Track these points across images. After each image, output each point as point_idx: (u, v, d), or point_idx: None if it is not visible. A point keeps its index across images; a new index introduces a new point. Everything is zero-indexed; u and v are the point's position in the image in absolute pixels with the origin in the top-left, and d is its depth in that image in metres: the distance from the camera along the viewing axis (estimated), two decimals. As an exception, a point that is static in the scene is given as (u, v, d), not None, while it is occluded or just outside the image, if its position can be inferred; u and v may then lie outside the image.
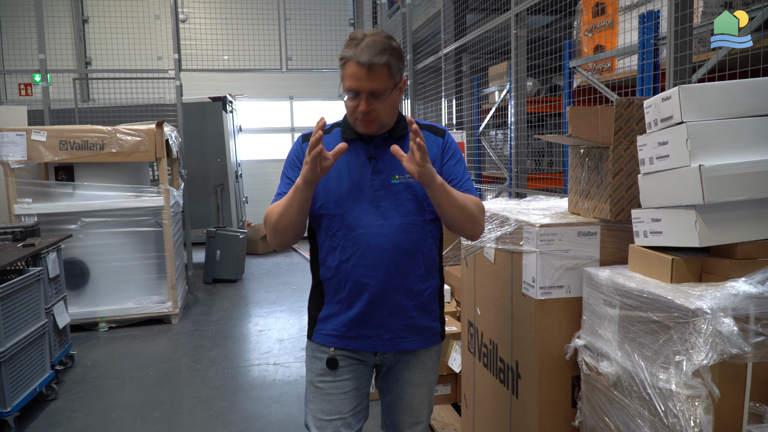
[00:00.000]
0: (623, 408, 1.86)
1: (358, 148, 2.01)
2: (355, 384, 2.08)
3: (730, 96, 1.76)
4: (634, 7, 3.90)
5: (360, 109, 1.90)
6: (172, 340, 5.65)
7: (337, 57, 1.97)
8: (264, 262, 9.57)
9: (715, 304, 1.59)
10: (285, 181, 2.05)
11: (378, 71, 1.85)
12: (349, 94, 1.91)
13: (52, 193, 5.89)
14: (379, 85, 1.88)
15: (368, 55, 1.84)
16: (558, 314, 2.21)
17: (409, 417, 2.19)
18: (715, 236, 1.74)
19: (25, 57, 8.94)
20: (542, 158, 5.72)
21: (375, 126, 1.95)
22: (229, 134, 9.24)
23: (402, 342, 2.04)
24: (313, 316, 2.10)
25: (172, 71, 7.32)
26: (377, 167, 1.99)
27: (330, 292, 2.04)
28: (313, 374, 2.09)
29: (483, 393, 2.78)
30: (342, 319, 2.02)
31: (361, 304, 1.98)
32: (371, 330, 2.01)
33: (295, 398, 4.23)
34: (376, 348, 2.04)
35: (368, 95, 1.88)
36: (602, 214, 2.22)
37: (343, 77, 1.92)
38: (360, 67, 1.85)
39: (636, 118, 2.14)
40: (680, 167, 1.76)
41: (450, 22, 6.47)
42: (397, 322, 2.02)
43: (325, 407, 2.05)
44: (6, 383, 3.68)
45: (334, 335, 2.04)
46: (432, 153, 2.03)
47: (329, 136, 2.06)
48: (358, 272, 1.96)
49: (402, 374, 2.13)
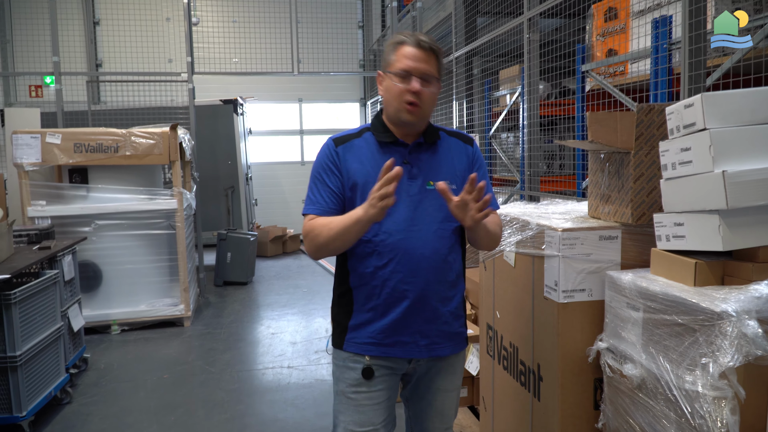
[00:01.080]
0: (648, 410, 1.88)
1: (393, 154, 2.01)
2: (387, 394, 2.08)
3: (751, 103, 1.79)
4: (647, 12, 3.93)
5: (413, 88, 1.93)
6: (185, 343, 5.69)
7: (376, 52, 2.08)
8: (274, 264, 9.61)
9: (739, 306, 1.62)
10: (321, 188, 2.03)
11: (432, 57, 1.97)
12: (401, 74, 1.95)
13: (66, 195, 5.93)
14: (432, 69, 1.97)
15: (427, 40, 1.96)
16: (580, 317, 2.24)
17: (439, 423, 2.20)
18: (737, 240, 1.77)
19: (36, 59, 9.02)
20: (553, 161, 5.75)
21: (419, 114, 1.97)
22: (239, 137, 9.28)
23: (437, 348, 2.06)
24: (343, 324, 2.08)
25: (185, 74, 7.37)
26: (412, 173, 2.01)
27: (361, 299, 2.03)
28: (345, 384, 2.07)
29: (502, 396, 2.81)
30: (378, 326, 2.01)
31: (400, 311, 1.98)
32: (408, 336, 2.01)
33: (310, 401, 4.26)
34: (412, 354, 2.04)
35: (421, 76, 1.95)
36: (623, 218, 2.24)
37: (395, 60, 1.97)
38: (418, 49, 1.95)
39: (656, 123, 2.17)
40: (703, 173, 1.79)
41: (461, 25, 6.51)
42: (433, 328, 2.03)
43: (358, 419, 2.05)
44: (22, 387, 3.70)
45: (370, 343, 2.03)
46: (462, 162, 2.10)
47: (360, 140, 2.07)
48: (396, 278, 1.96)
49: (435, 381, 2.14)
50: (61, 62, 7.25)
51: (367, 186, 1.95)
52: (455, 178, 2.02)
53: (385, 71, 2.02)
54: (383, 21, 11.87)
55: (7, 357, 3.63)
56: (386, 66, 2.01)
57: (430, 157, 2.06)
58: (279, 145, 12.05)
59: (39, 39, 8.86)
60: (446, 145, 2.11)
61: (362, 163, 2.01)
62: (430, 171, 2.03)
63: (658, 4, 3.77)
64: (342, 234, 1.89)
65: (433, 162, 2.05)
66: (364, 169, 2.00)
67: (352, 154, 2.03)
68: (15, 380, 3.66)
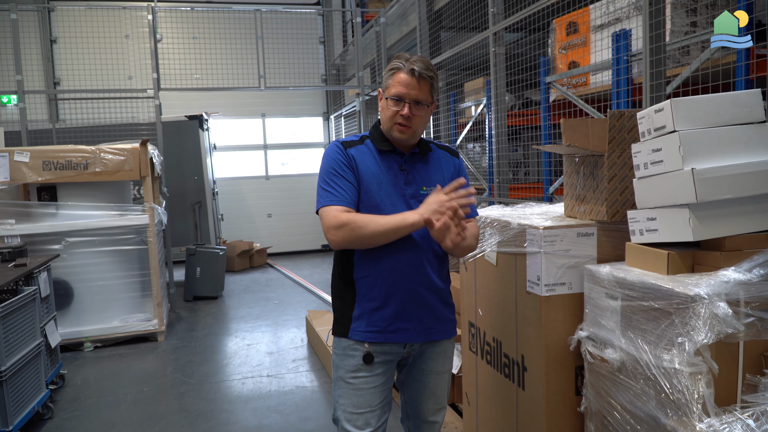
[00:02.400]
0: (629, 389, 2.05)
1: (391, 161, 2.24)
2: (384, 378, 2.26)
3: (715, 107, 1.99)
4: (606, 26, 4.17)
5: (403, 113, 2.13)
6: (160, 357, 5.69)
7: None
8: (242, 278, 9.63)
9: (710, 290, 1.80)
10: (340, 182, 2.16)
11: (424, 84, 2.14)
12: (394, 98, 2.15)
13: (35, 213, 5.90)
14: (423, 96, 2.15)
15: (420, 67, 2.12)
16: (561, 309, 2.40)
17: (433, 404, 2.41)
18: (706, 231, 1.96)
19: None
20: (519, 169, 5.96)
21: (409, 133, 2.19)
22: (205, 152, 9.31)
23: (432, 332, 2.28)
24: (347, 315, 2.26)
25: (151, 90, 7.39)
26: (408, 178, 2.24)
27: (364, 290, 2.22)
28: (345, 371, 2.25)
29: (487, 389, 2.96)
30: (380, 315, 2.20)
31: (398, 300, 2.19)
32: (408, 323, 2.22)
33: (293, 407, 4.34)
34: (411, 339, 2.24)
35: (412, 103, 2.13)
36: (598, 216, 2.43)
37: (390, 85, 2.17)
38: (411, 77, 2.12)
39: (627, 128, 2.36)
40: (674, 171, 1.98)
41: (425, 40, 6.71)
42: (429, 314, 2.25)
43: (356, 401, 2.22)
44: (8, 401, 3.71)
45: (373, 331, 2.21)
46: (450, 170, 2.35)
47: (362, 146, 2.26)
48: (397, 270, 2.17)
49: (427, 364, 2.35)
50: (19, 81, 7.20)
51: (371, 185, 2.16)
52: (444, 185, 2.23)
53: (383, 91, 2.22)
54: (344, 36, 12.05)
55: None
56: (384, 88, 2.22)
57: (423, 165, 2.30)
58: (243, 161, 12.08)
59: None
60: (436, 156, 2.36)
61: (368, 165, 2.21)
62: (423, 178, 2.27)
63: (616, 18, 4.01)
64: (392, 233, 2.08)
65: (425, 170, 2.29)
66: (369, 171, 2.20)
67: (359, 156, 2.22)
68: (1, 395, 3.66)
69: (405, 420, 2.50)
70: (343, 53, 11.17)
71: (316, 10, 11.83)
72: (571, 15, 4.53)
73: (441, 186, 2.17)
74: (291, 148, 12.48)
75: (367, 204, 2.18)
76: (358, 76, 8.67)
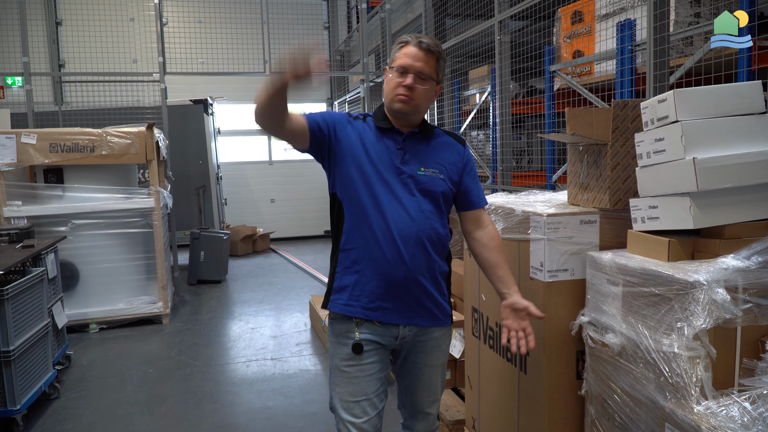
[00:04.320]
0: (629, 373, 2.10)
1: (390, 139, 2.24)
2: (378, 367, 2.25)
3: (716, 98, 2.03)
4: (611, 15, 4.20)
5: (406, 83, 2.14)
6: (165, 340, 5.77)
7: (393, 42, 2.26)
8: (245, 263, 9.69)
9: (710, 276, 1.85)
10: (320, 113, 2.23)
11: (430, 58, 2.16)
12: (399, 69, 2.16)
13: (42, 195, 5.95)
14: (428, 69, 2.16)
15: (427, 41, 2.16)
16: (564, 295, 2.45)
17: (427, 396, 2.40)
18: (706, 219, 2.00)
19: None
20: (522, 157, 6.00)
21: (410, 106, 2.17)
22: (210, 136, 9.34)
23: (416, 317, 2.25)
24: (330, 285, 2.28)
25: (157, 74, 7.42)
26: (405, 158, 2.22)
27: (347, 262, 2.22)
28: (339, 359, 2.25)
29: (489, 372, 3.01)
30: (360, 290, 2.19)
31: (381, 276, 2.17)
32: (389, 302, 2.20)
33: (296, 390, 4.41)
34: (392, 320, 2.21)
35: (416, 75, 2.14)
36: (601, 204, 2.47)
37: (396, 58, 2.19)
38: (419, 49, 2.15)
39: (630, 117, 2.40)
40: (676, 160, 2.02)
41: (431, 27, 6.72)
42: (414, 298, 2.22)
43: (351, 389, 2.22)
44: (15, 381, 3.78)
45: (353, 306, 2.20)
46: (452, 155, 2.32)
47: (363, 123, 2.28)
48: (385, 244, 2.15)
49: (420, 357, 2.33)
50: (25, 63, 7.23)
51: (363, 163, 2.18)
52: (443, 168, 2.26)
53: (389, 67, 2.23)
54: (348, 22, 12.03)
55: (0, 352, 3.70)
56: (390, 62, 2.23)
57: (423, 146, 2.27)
58: (247, 145, 12.11)
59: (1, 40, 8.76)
60: (440, 140, 2.33)
61: (361, 139, 2.22)
62: (421, 158, 2.24)
63: (621, 8, 4.04)
64: (265, 95, 1.95)
65: (425, 151, 2.26)
66: (365, 145, 2.21)
67: (356, 128, 2.25)
68: (9, 374, 3.72)
69: (401, 407, 2.50)
70: (347, 39, 11.17)
71: (321, -5, 11.83)
72: (577, 4, 4.55)
73: (439, 171, 2.22)
74: (295, 134, 12.49)
75: (360, 180, 2.17)
76: (363, 62, 8.68)
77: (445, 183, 2.25)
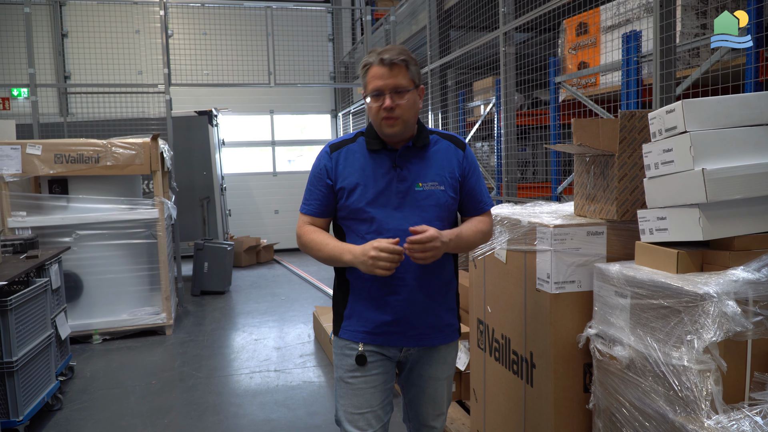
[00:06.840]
0: (637, 386, 2.08)
1: (383, 158, 2.18)
2: (383, 378, 2.23)
3: (725, 109, 2.02)
4: (616, 27, 4.19)
5: (385, 104, 2.08)
6: (168, 351, 5.74)
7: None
8: (249, 274, 9.68)
9: (720, 288, 1.83)
10: (314, 194, 2.24)
11: (398, 68, 2.09)
12: (373, 94, 2.10)
13: (46, 206, 5.95)
14: (400, 80, 2.09)
15: (389, 55, 2.08)
16: (570, 307, 2.43)
17: (432, 409, 2.37)
18: (716, 231, 1.98)
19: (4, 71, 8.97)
20: (527, 168, 5.99)
21: (399, 125, 2.11)
22: (214, 148, 9.36)
23: (426, 339, 2.23)
24: (339, 313, 2.26)
25: (162, 85, 7.44)
26: (401, 175, 2.17)
27: (356, 290, 2.21)
28: (343, 371, 2.23)
29: (494, 385, 2.99)
30: (369, 317, 2.18)
31: (390, 303, 2.16)
32: (398, 327, 2.18)
33: (300, 402, 4.38)
34: (401, 344, 2.21)
35: (391, 92, 2.08)
36: (608, 215, 2.45)
37: (367, 83, 2.13)
38: (382, 66, 2.08)
39: (638, 128, 2.38)
40: (684, 171, 2.01)
41: (435, 38, 6.73)
42: (423, 320, 2.20)
43: (356, 401, 2.20)
44: (18, 392, 3.76)
45: (363, 332, 2.19)
46: (451, 164, 2.23)
47: (354, 145, 2.23)
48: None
49: (425, 370, 2.30)
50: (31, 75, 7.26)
51: (358, 188, 2.15)
52: (442, 179, 2.20)
53: (363, 96, 2.19)
54: (353, 34, 12.08)
55: (3, 362, 3.69)
56: (363, 88, 2.18)
57: (420, 160, 2.20)
58: (251, 157, 12.14)
59: (7, 51, 8.81)
60: (437, 148, 2.24)
61: (354, 167, 2.18)
62: (419, 173, 2.18)
63: (627, 20, 4.03)
64: (328, 261, 2.18)
65: (422, 165, 2.20)
66: (355, 173, 2.18)
67: (345, 159, 2.20)
68: (12, 385, 3.71)
69: (406, 420, 2.48)
70: (351, 51, 11.20)
71: (325, 7, 11.88)
72: (582, 16, 4.55)
73: (438, 183, 2.17)
74: (299, 145, 12.55)
75: (352, 209, 2.15)
76: (367, 74, 8.67)
77: (445, 194, 2.19)
